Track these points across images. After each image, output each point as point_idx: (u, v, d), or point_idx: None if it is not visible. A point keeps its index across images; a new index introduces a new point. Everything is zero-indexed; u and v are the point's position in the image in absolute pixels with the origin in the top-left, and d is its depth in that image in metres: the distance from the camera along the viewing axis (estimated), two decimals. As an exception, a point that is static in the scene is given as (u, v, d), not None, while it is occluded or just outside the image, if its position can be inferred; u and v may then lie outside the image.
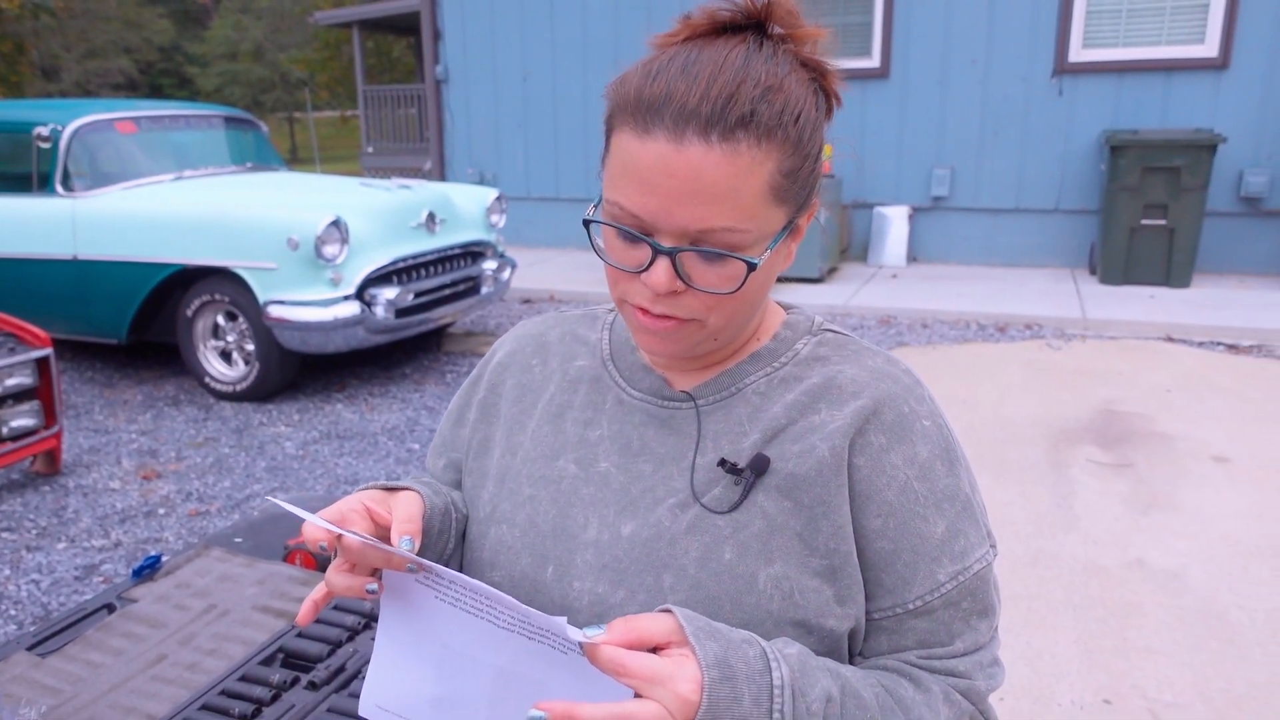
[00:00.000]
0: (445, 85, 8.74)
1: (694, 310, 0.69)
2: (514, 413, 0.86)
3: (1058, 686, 2.20)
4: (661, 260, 0.66)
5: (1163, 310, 5.56)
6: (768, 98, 0.64)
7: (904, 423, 0.73)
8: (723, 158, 0.63)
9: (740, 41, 0.66)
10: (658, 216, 0.65)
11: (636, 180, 0.65)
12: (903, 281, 6.70)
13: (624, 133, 0.67)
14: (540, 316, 0.93)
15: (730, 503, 0.72)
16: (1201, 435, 3.74)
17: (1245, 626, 2.43)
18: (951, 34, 6.94)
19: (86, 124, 4.77)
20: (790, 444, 0.73)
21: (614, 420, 0.80)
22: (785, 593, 0.70)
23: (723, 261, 0.67)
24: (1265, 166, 6.37)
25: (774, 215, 0.68)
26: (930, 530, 0.71)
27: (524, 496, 0.80)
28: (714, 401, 0.77)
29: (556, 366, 0.86)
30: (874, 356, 0.78)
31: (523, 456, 0.82)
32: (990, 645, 0.75)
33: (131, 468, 3.78)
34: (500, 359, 0.90)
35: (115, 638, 1.16)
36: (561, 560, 0.76)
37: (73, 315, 4.75)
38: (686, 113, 0.63)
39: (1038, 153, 6.91)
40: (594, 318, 0.89)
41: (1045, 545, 2.88)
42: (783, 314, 0.82)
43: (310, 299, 4.21)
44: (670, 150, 0.63)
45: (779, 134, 0.65)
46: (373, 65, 19.53)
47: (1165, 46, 6.50)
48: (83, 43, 26.42)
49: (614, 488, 0.77)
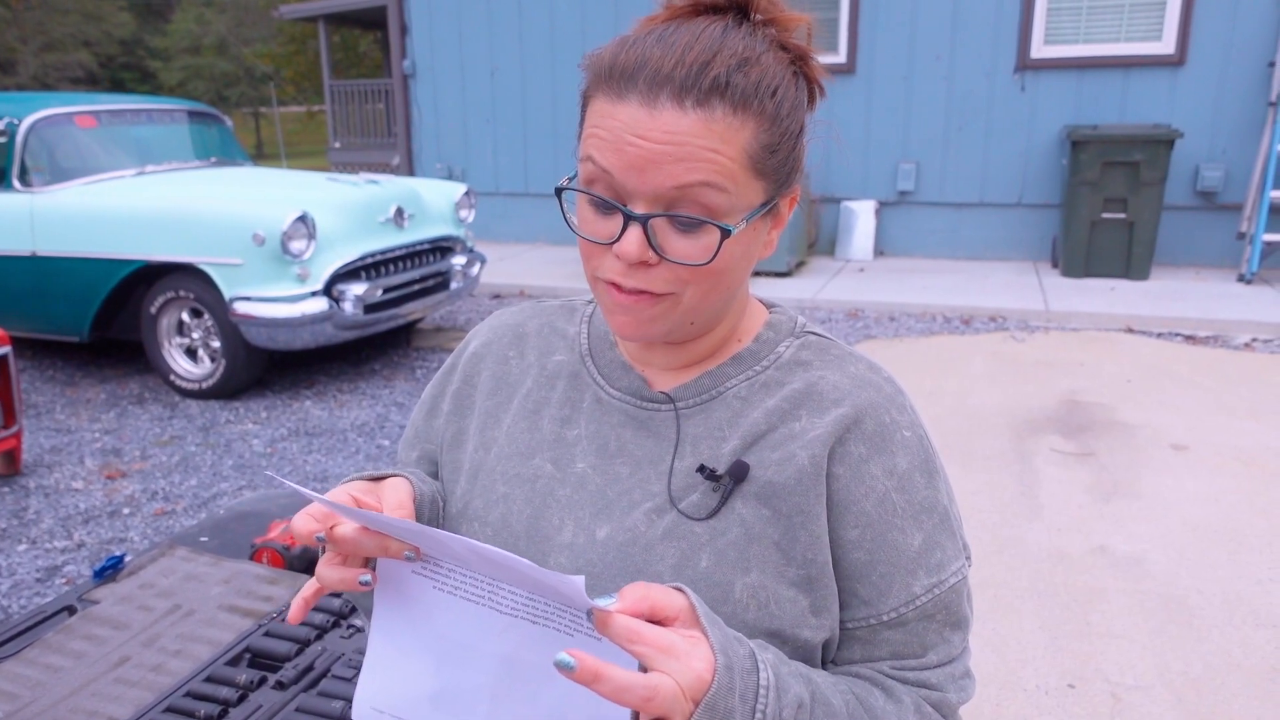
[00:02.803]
0: (413, 80, 8.66)
1: (668, 283, 0.67)
2: (489, 406, 0.83)
3: (1023, 671, 2.24)
4: (633, 228, 0.64)
5: (1123, 302, 5.67)
6: (743, 69, 0.63)
7: (885, 433, 0.72)
8: (697, 122, 0.62)
9: (720, 19, 0.66)
10: (629, 177, 0.64)
11: (609, 143, 0.64)
12: (870, 275, 6.76)
13: (598, 100, 0.66)
14: (517, 306, 0.91)
15: (708, 509, 0.71)
16: (1161, 424, 3.82)
17: (1203, 610, 2.49)
18: (916, 30, 7.01)
19: (44, 118, 4.67)
20: (770, 451, 0.72)
21: (592, 419, 0.78)
22: (761, 602, 0.69)
23: (697, 231, 0.65)
24: (1220, 161, 6.51)
25: (752, 187, 0.66)
26: (907, 542, 0.71)
27: (498, 494, 0.78)
28: (694, 404, 0.75)
29: (534, 360, 0.84)
30: (856, 363, 0.76)
31: (497, 453, 0.80)
32: (962, 657, 0.75)
33: (95, 467, 3.71)
34: (475, 349, 0.88)
35: (76, 640, 1.14)
36: (535, 562, 0.74)
37: (32, 313, 4.65)
38: (660, 77, 0.62)
39: (1001, 148, 7.00)
40: (572, 310, 0.87)
41: (1011, 533, 2.93)
42: (765, 313, 0.81)
43: (277, 295, 4.16)
44: (644, 114, 0.62)
45: (755, 105, 0.64)
46: (339, 60, 19.29)
47: (1124, 43, 6.62)
48: (40, 35, 25.81)
49: (590, 490, 0.75)
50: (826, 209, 7.54)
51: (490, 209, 8.48)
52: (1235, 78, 6.39)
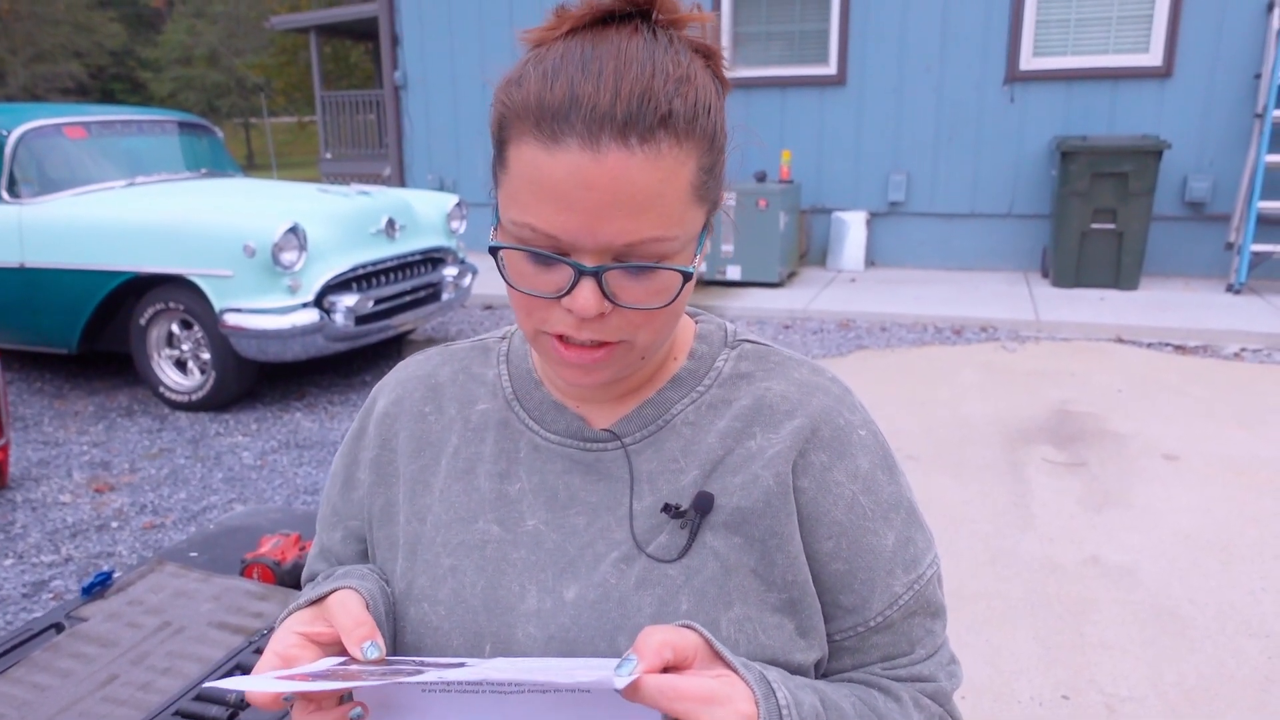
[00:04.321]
0: (404, 91, 8.67)
1: (622, 331, 0.63)
2: (413, 470, 0.76)
3: (1017, 683, 2.24)
4: (586, 282, 0.59)
5: (1112, 312, 5.70)
6: (681, 91, 0.58)
7: (842, 436, 0.70)
8: (645, 161, 0.57)
9: (633, 31, 0.60)
10: (578, 235, 0.58)
11: (549, 197, 0.58)
12: (861, 285, 6.78)
13: (525, 144, 0.59)
14: (422, 354, 0.82)
15: (678, 549, 0.67)
16: (1151, 434, 3.83)
17: (1196, 620, 2.49)
18: (906, 42, 7.06)
19: (33, 129, 4.65)
20: (731, 476, 0.69)
21: (532, 470, 0.72)
22: (749, 635, 0.66)
23: (652, 274, 0.60)
24: (1208, 172, 6.56)
25: (696, 217, 0.62)
26: (882, 544, 0.70)
27: (444, 569, 0.71)
28: (641, 438, 0.71)
29: (455, 413, 0.77)
30: (798, 367, 0.74)
31: (433, 522, 0.73)
32: (945, 645, 0.75)
33: (83, 480, 3.68)
34: (384, 408, 0.79)
35: (64, 658, 1.13)
36: (500, 636, 0.69)
37: (20, 325, 4.62)
38: (599, 115, 0.56)
39: (991, 158, 7.05)
40: (485, 349, 0.80)
41: (1003, 544, 2.93)
42: (692, 324, 0.76)
43: (268, 306, 4.15)
44: (587, 160, 0.56)
45: (696, 130, 0.59)
46: (330, 71, 19.31)
47: (1112, 55, 6.67)
48: (30, 46, 25.74)
49: (548, 548, 0.70)
50: (818, 220, 7.56)
51: (481, 220, 8.48)
52: (1222, 89, 6.45)
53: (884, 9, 7.04)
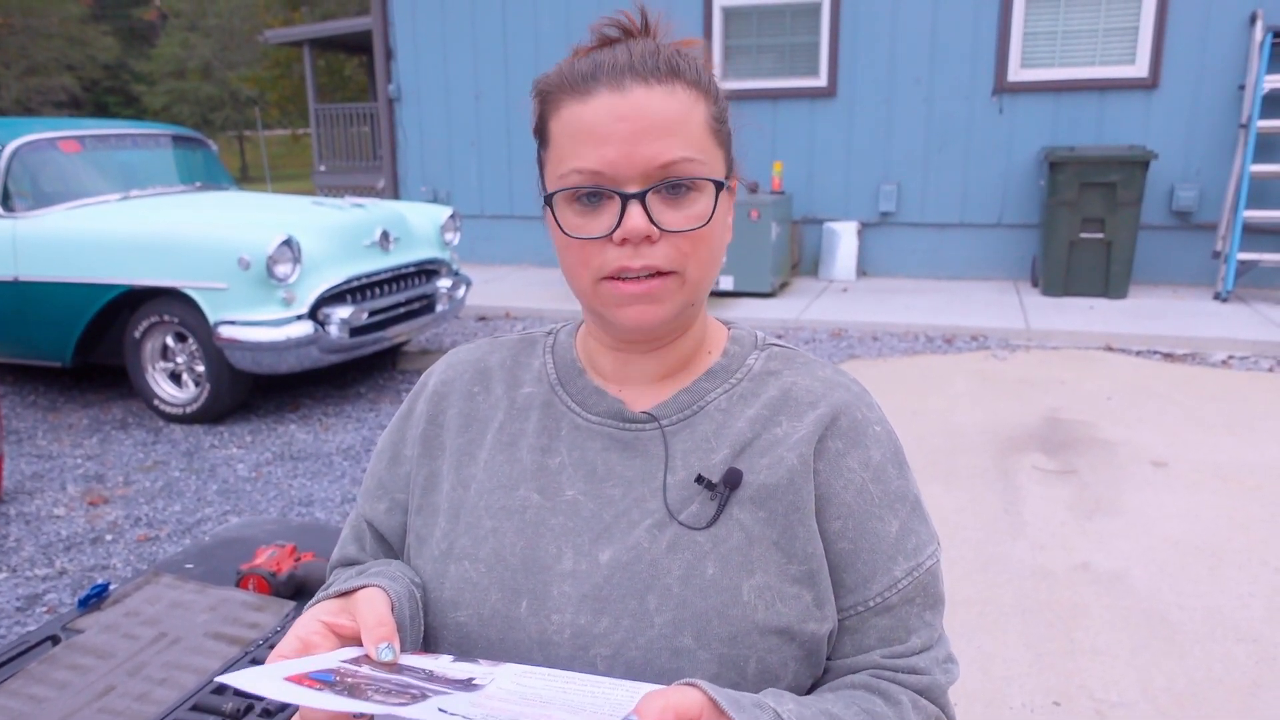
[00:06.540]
0: (398, 104, 8.70)
1: (671, 259, 0.70)
2: (461, 443, 0.82)
3: (1009, 689, 2.25)
4: (633, 206, 0.68)
5: (1102, 320, 5.74)
6: (683, 56, 0.72)
7: (858, 428, 0.77)
8: (665, 95, 0.69)
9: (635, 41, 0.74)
10: (618, 164, 0.68)
11: (589, 139, 0.69)
12: (853, 295, 6.81)
13: (563, 107, 0.71)
14: (473, 343, 0.90)
15: (707, 518, 0.73)
16: (1141, 441, 3.86)
17: (1185, 625, 2.51)
18: (896, 54, 7.12)
19: (27, 143, 4.66)
20: (758, 457, 0.75)
21: (573, 447, 0.78)
22: (768, 602, 0.71)
23: (688, 200, 0.70)
24: (1194, 181, 6.62)
25: (715, 155, 0.73)
26: (886, 530, 0.75)
27: (485, 530, 0.77)
28: (677, 421, 0.78)
29: (502, 394, 0.84)
30: (823, 368, 0.82)
31: (477, 489, 0.79)
32: (942, 640, 0.78)
33: (77, 493, 3.68)
34: (435, 387, 0.86)
35: (60, 670, 1.14)
36: (536, 593, 0.74)
37: (14, 338, 4.62)
38: (620, 67, 0.69)
39: (980, 169, 7.10)
40: (532, 342, 0.87)
41: (994, 551, 2.95)
42: (725, 330, 0.84)
43: (262, 319, 4.15)
44: (615, 98, 0.68)
45: (702, 82, 0.72)
46: (324, 83, 19.34)
47: (1099, 66, 6.74)
48: (23, 59, 25.73)
49: (584, 515, 0.75)
50: (809, 230, 7.60)
51: (475, 231, 8.51)
52: (1207, 100, 6.52)
53: (873, 22, 7.10)
